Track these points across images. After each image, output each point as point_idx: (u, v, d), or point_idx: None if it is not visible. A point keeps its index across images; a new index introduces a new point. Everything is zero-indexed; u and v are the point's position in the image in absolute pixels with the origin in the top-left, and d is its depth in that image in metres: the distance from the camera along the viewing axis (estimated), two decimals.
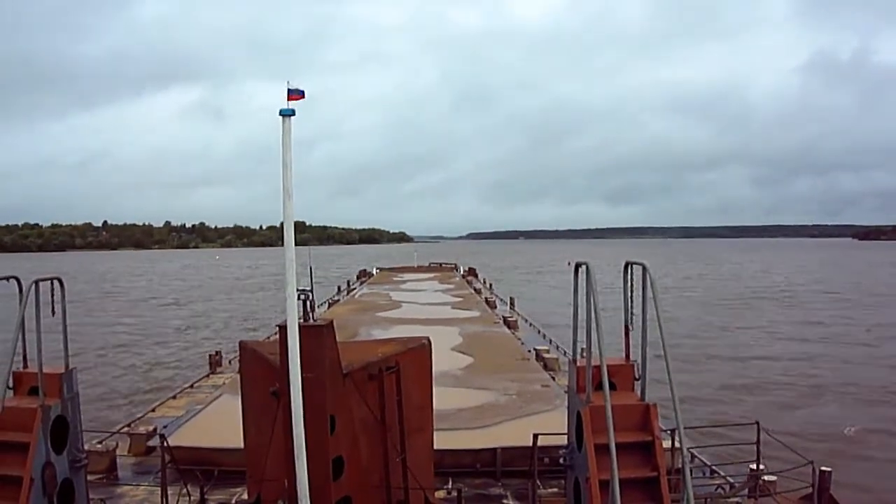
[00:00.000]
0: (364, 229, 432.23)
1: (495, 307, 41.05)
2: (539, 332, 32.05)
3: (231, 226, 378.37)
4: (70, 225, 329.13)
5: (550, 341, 27.92)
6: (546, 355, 22.40)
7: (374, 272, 75.92)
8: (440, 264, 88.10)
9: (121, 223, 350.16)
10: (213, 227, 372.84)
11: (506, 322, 32.41)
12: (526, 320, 36.09)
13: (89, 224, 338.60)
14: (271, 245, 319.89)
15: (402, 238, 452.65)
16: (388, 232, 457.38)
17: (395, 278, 67.63)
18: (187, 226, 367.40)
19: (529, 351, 24.18)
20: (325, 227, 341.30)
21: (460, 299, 44.70)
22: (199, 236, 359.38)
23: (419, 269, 79.38)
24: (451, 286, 56.48)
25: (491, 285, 62.41)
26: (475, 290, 54.16)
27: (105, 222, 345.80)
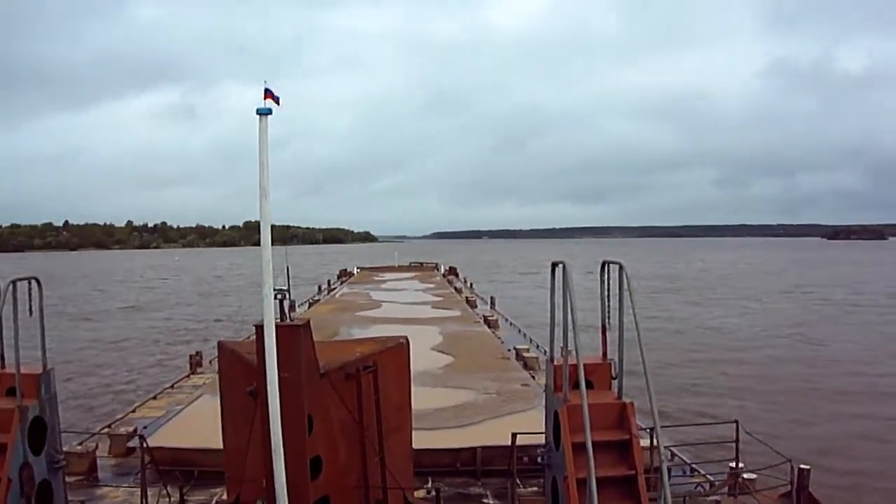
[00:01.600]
0: (328, 229, 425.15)
1: (476, 306, 41.11)
2: (520, 331, 32.11)
3: (193, 225, 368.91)
4: (29, 225, 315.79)
5: (531, 340, 27.98)
6: (526, 354, 22.46)
7: (355, 271, 75.84)
8: (421, 263, 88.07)
9: (82, 223, 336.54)
10: (175, 226, 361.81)
11: (486, 321, 32.46)
12: (506, 319, 36.14)
13: (50, 224, 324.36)
14: (234, 245, 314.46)
15: (366, 238, 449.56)
16: (352, 231, 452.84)
17: (375, 278, 67.52)
18: (149, 225, 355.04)
19: (509, 350, 24.23)
20: (287, 227, 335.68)
21: (441, 298, 44.73)
22: (160, 236, 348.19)
23: (400, 269, 79.34)
24: (431, 285, 56.47)
25: (472, 284, 62.48)
26: (456, 289, 54.20)
27: (66, 222, 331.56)
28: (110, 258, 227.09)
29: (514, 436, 10.38)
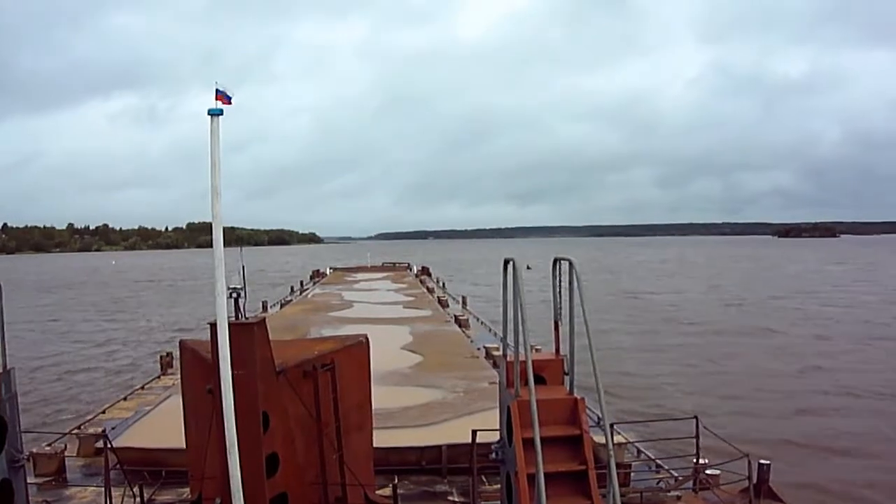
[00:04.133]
0: (273, 230, 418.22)
1: (447, 306, 41.22)
2: (490, 329, 32.23)
3: (136, 227, 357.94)
4: None
5: (502, 339, 28.03)
6: (496, 353, 22.50)
7: (328, 272, 75.76)
8: (393, 264, 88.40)
9: (22, 226, 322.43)
10: (117, 228, 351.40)
11: (457, 321, 32.57)
12: (478, 318, 36.28)
13: None
14: (177, 247, 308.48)
15: (311, 239, 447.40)
16: (297, 233, 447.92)
17: (348, 278, 67.51)
18: (91, 228, 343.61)
19: (479, 349, 24.36)
20: (233, 229, 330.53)
21: (412, 298, 44.85)
22: (102, 239, 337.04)
23: (372, 269, 79.53)
24: (403, 285, 56.59)
25: (444, 284, 62.61)
26: (428, 289, 54.31)
27: (5, 225, 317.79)
28: (49, 261, 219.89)
29: (474, 433, 10.47)
